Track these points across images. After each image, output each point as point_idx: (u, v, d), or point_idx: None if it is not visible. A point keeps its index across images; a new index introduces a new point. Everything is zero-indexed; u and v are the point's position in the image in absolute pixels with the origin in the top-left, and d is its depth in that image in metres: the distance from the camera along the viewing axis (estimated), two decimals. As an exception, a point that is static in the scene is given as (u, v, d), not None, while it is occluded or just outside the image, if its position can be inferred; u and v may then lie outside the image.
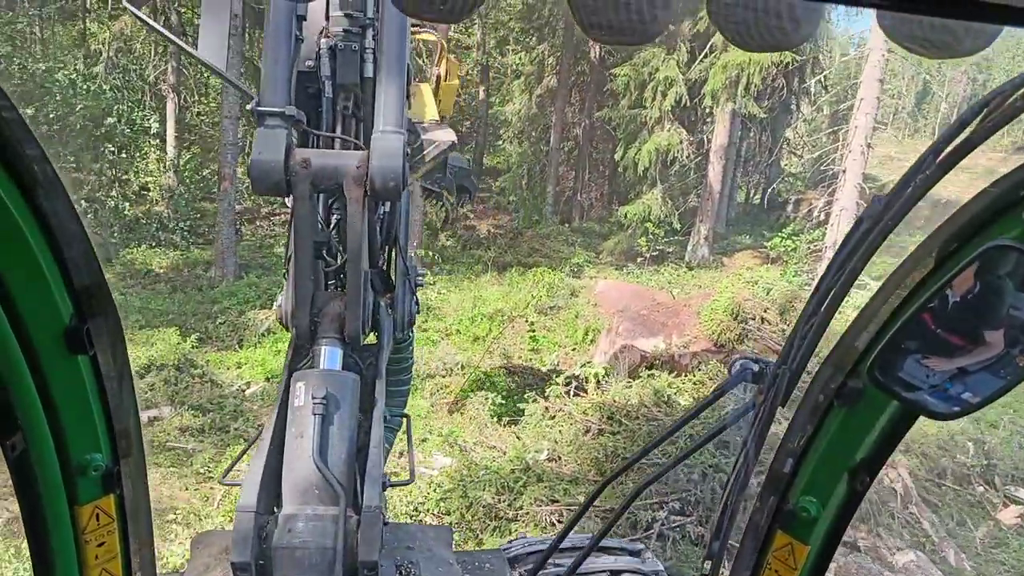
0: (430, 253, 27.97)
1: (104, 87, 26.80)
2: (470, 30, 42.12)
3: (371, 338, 5.07)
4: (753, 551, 2.53)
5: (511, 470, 13.85)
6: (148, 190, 31.12)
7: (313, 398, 3.95)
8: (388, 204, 5.32)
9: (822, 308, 2.13)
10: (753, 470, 2.36)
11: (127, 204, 28.36)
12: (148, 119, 30.35)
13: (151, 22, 5.99)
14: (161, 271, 25.97)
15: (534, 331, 22.50)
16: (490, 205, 39.31)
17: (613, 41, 1.08)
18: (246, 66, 26.87)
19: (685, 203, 34.03)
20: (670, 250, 32.67)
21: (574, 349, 21.77)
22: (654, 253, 31.55)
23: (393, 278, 5.51)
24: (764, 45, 1.06)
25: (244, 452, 4.92)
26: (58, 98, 25.32)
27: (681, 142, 31.31)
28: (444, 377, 18.80)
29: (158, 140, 31.46)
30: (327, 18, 4.85)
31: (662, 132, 31.24)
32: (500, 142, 43.77)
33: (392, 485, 4.49)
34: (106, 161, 27.92)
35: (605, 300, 24.14)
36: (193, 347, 18.40)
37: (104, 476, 2.15)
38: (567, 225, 37.96)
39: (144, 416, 15.86)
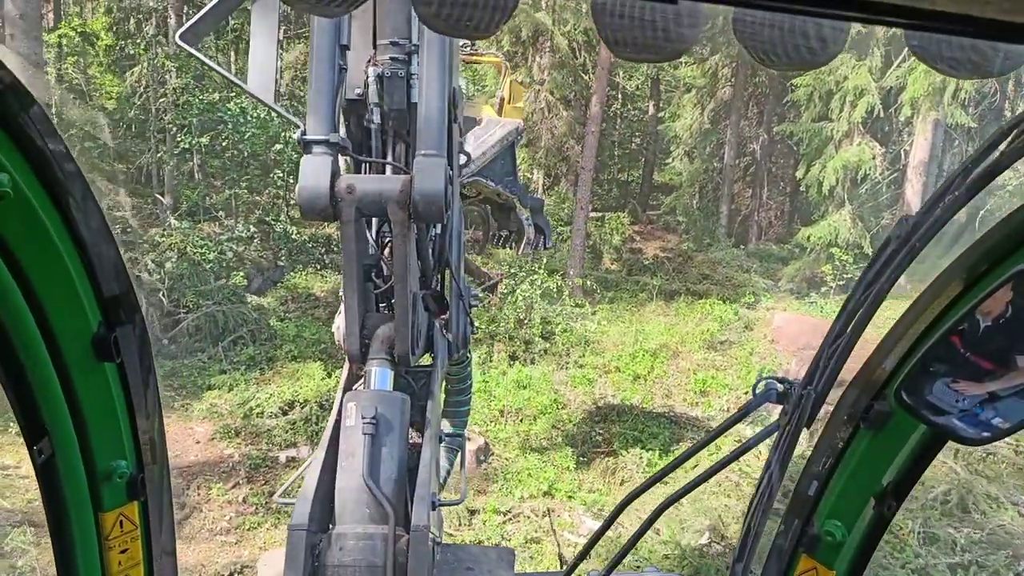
0: (588, 282, 26.29)
1: (272, 115, 27.28)
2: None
3: (427, 359, 5.23)
4: (777, 575, 2.47)
5: (663, 555, 11.97)
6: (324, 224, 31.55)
7: (363, 418, 4.07)
8: (439, 226, 5.37)
9: (849, 329, 2.14)
10: (777, 492, 2.35)
11: (294, 228, 28.78)
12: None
13: (203, 57, 6.00)
14: (321, 295, 25.97)
15: (701, 371, 20.36)
16: (659, 225, 37.24)
17: (638, 59, 1.09)
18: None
19: (877, 225, 30.43)
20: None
21: (746, 393, 19.43)
22: (841, 282, 28.25)
23: (448, 299, 5.55)
24: (791, 64, 1.08)
25: (301, 472, 5.03)
26: (230, 127, 25.95)
27: (874, 157, 27.97)
28: (598, 423, 17.13)
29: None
30: (374, 46, 4.93)
31: (851, 146, 28.03)
32: (669, 160, 41.65)
33: (442, 505, 4.63)
34: (275, 187, 28.43)
35: (783, 336, 21.68)
36: (337, 383, 17.80)
37: (128, 483, 2.15)
38: (742, 248, 35.15)
39: (282, 455, 15.33)
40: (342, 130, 4.59)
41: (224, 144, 26.48)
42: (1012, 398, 1.74)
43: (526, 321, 21.36)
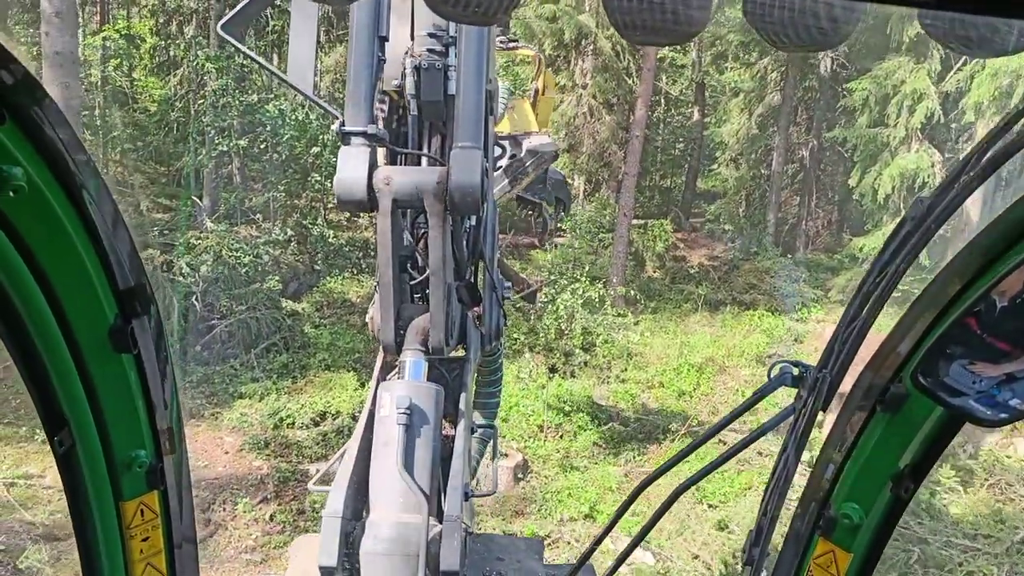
0: (630, 291, 25.36)
1: (311, 116, 26.91)
2: (686, 47, 39.58)
3: (459, 350, 5.23)
4: (794, 558, 2.48)
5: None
6: (358, 216, 31.18)
7: (397, 408, 4.12)
8: (474, 218, 5.34)
9: (864, 311, 2.18)
10: (793, 475, 2.38)
11: (331, 232, 28.35)
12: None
13: (244, 48, 6.07)
14: (357, 300, 25.48)
15: (749, 388, 19.41)
16: (703, 233, 36.20)
17: (648, 42, 1.07)
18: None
19: (936, 234, 29.07)
20: (916, 290, 27.91)
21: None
22: (896, 294, 26.99)
23: (481, 291, 5.52)
24: (802, 45, 1.07)
25: (336, 460, 4.98)
26: (268, 129, 25.60)
27: (932, 165, 26.71)
28: (642, 442, 16.32)
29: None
30: (412, 38, 4.92)
31: (908, 153, 26.80)
32: (715, 166, 40.60)
33: (475, 496, 4.69)
34: (313, 190, 28.04)
35: (838, 351, 20.56)
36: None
37: (148, 472, 2.18)
38: (789, 256, 33.93)
39: (312, 469, 14.75)
40: (380, 122, 4.60)
41: (263, 147, 26.12)
42: None
43: (567, 332, 20.58)
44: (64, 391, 1.90)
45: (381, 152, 4.74)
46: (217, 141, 26.00)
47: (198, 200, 25.66)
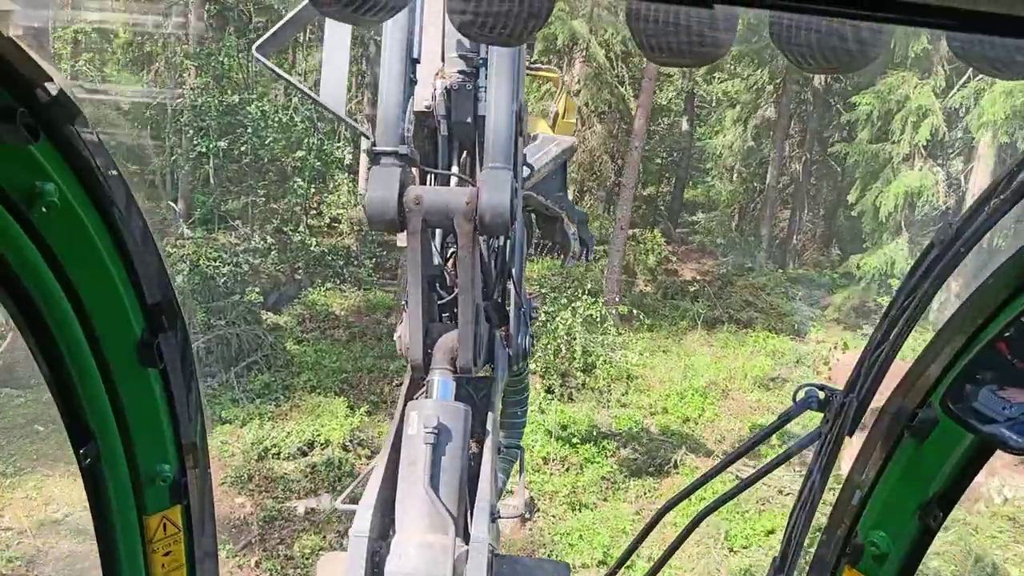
0: (626, 307, 24.34)
1: (295, 118, 25.66)
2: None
3: (486, 370, 5.28)
4: None
5: None
6: (339, 222, 29.99)
7: (425, 427, 4.13)
8: (502, 238, 5.37)
9: (891, 336, 2.15)
10: (819, 501, 2.39)
11: (313, 240, 27.09)
12: (342, 150, 28.99)
13: (278, 70, 6.17)
14: (341, 313, 24.26)
15: (756, 414, 18.52)
16: (693, 246, 35.38)
17: (673, 64, 1.07)
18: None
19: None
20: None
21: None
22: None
23: (509, 311, 5.57)
24: (829, 68, 1.06)
25: (362, 478, 4.99)
26: (249, 131, 24.32)
27: (936, 183, 26.10)
28: (652, 475, 15.31)
29: (349, 173, 30.19)
30: (443, 59, 5.00)
31: (911, 170, 26.17)
32: (706, 178, 39.88)
33: (502, 517, 4.69)
34: (294, 195, 26.77)
35: (844, 377, 19.80)
36: (362, 420, 15.94)
37: (172, 487, 2.18)
38: (781, 271, 33.20)
39: (300, 506, 13.58)
40: (411, 143, 4.64)
41: (243, 149, 24.83)
42: None
43: (565, 353, 19.50)
44: (91, 404, 1.93)
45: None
46: (196, 142, 24.68)
47: (173, 204, 24.25)
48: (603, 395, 19.23)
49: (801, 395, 2.42)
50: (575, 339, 19.54)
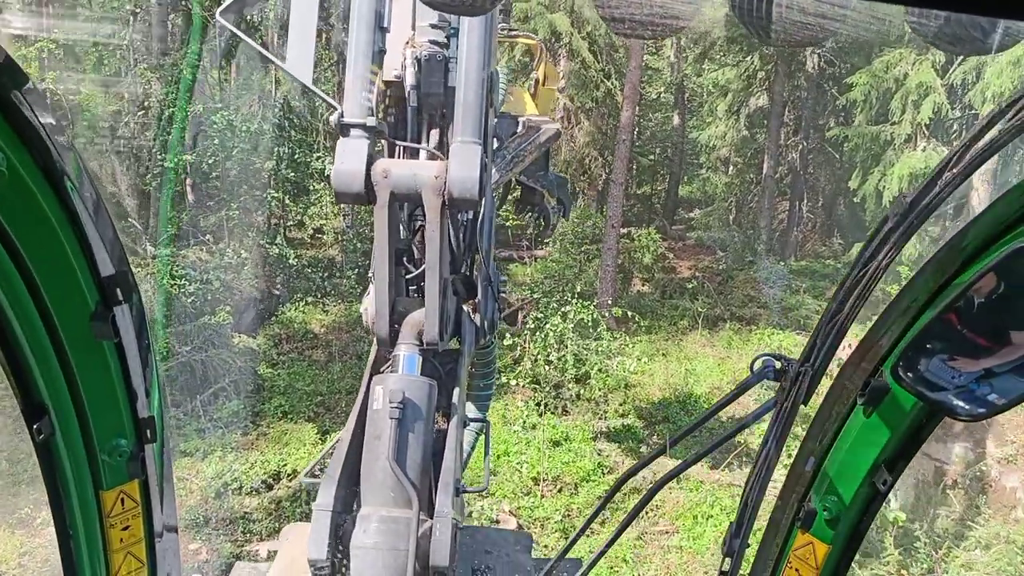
0: (621, 309, 22.97)
1: (264, 127, 24.39)
2: (662, 50, 37.73)
3: (454, 343, 5.34)
4: (773, 549, 2.56)
5: None
6: (323, 233, 28.77)
7: (390, 402, 4.19)
8: (471, 212, 5.36)
9: (846, 307, 2.20)
10: (774, 468, 2.45)
11: (292, 251, 25.79)
12: (322, 160, 27.63)
13: (245, 36, 5.75)
14: (321, 331, 22.93)
15: (766, 422, 17.17)
16: (690, 242, 34.11)
17: (635, 35, 1.05)
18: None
19: (943, 238, 27.18)
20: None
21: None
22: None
23: (477, 284, 5.57)
24: (791, 41, 1.04)
25: (325, 452, 5.22)
26: (216, 142, 23.06)
27: (942, 164, 24.80)
28: (658, 510, 13.95)
29: (329, 183, 28.89)
30: (413, 28, 4.97)
31: (915, 151, 24.86)
32: (701, 171, 38.66)
33: (466, 491, 4.79)
34: (269, 207, 25.48)
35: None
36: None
37: (129, 461, 2.18)
38: (782, 263, 31.86)
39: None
40: (379, 113, 4.55)
41: (212, 161, 23.54)
42: (1008, 374, 1.71)
43: (557, 362, 18.15)
44: (44, 379, 1.89)
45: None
46: (160, 157, 23.39)
47: (136, 224, 22.94)
48: (599, 406, 17.90)
49: (759, 364, 2.50)
50: (566, 346, 18.21)
